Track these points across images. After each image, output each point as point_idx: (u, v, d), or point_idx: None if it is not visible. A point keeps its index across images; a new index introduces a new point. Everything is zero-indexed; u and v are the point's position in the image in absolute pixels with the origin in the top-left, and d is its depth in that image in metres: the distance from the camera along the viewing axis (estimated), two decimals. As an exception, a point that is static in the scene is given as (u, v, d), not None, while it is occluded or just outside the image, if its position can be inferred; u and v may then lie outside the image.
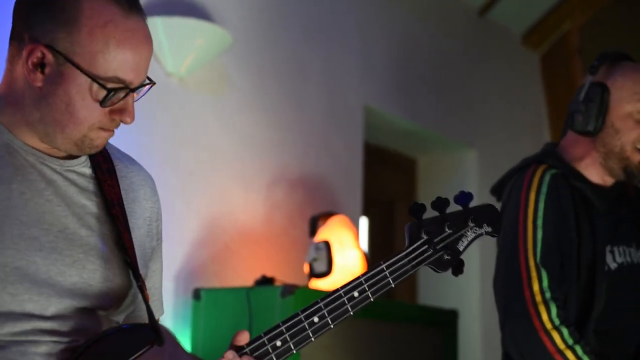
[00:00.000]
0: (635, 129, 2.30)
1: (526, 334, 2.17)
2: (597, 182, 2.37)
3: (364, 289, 1.59)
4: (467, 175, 4.82)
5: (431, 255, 1.66)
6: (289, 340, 1.54)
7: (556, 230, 2.24)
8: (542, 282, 2.19)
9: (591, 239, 2.26)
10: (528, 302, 2.18)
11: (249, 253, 3.37)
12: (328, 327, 1.57)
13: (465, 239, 1.70)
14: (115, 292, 1.54)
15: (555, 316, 2.16)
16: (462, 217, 1.70)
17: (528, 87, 5.30)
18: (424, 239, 1.65)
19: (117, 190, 1.60)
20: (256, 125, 3.51)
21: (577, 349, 2.14)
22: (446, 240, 1.68)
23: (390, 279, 1.62)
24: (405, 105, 4.34)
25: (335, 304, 1.58)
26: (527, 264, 2.21)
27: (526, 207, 2.27)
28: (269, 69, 3.61)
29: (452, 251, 1.67)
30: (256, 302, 2.86)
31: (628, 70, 2.34)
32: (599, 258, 2.24)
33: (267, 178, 3.51)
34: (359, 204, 3.98)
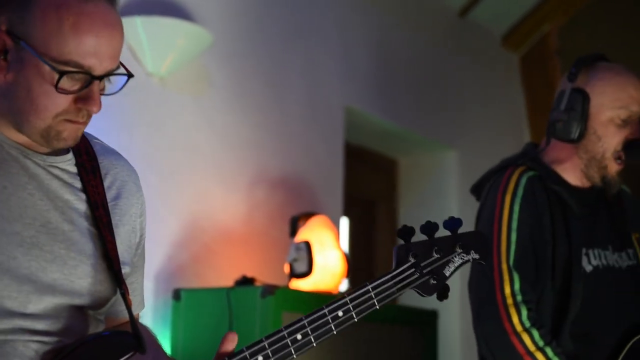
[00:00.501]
0: (617, 134, 2.32)
1: (497, 336, 2.19)
2: (576, 184, 2.39)
3: (348, 309, 1.59)
4: (447, 175, 4.83)
5: (417, 279, 1.65)
6: (271, 356, 1.52)
7: (531, 233, 2.25)
8: (513, 285, 2.20)
9: (567, 241, 2.27)
10: (499, 305, 2.19)
11: (229, 253, 3.36)
12: (311, 345, 1.57)
13: (452, 265, 1.70)
14: (98, 290, 1.52)
15: (526, 318, 2.17)
16: (451, 242, 1.70)
17: (508, 87, 5.32)
18: (411, 262, 1.65)
19: (101, 190, 1.58)
20: (237, 125, 3.50)
21: (548, 351, 2.16)
22: (433, 265, 1.68)
23: (375, 300, 1.62)
24: (385, 105, 4.35)
25: (319, 322, 1.57)
26: (499, 266, 2.22)
27: (501, 209, 2.28)
28: (249, 69, 3.60)
29: (439, 276, 1.67)
30: (236, 303, 2.85)
31: (607, 74, 2.35)
32: (575, 260, 2.25)
33: (248, 178, 3.51)
34: (339, 204, 3.98)
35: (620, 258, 2.37)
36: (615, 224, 2.42)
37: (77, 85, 1.45)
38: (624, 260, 2.38)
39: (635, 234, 2.46)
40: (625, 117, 2.31)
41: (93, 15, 1.44)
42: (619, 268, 2.36)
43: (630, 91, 2.31)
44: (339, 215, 3.98)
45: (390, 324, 3.31)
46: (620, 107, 2.30)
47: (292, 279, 3.18)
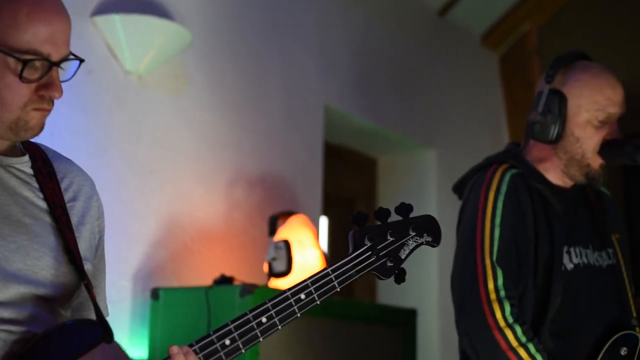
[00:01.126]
0: (595, 136, 2.33)
1: (480, 331, 2.19)
2: (557, 184, 2.40)
3: (310, 292, 1.63)
4: (426, 174, 4.84)
5: (374, 262, 1.71)
6: (238, 339, 1.56)
7: (514, 230, 2.26)
8: (497, 281, 2.21)
9: (549, 239, 2.28)
10: (483, 300, 2.20)
11: (208, 252, 3.35)
12: (276, 327, 1.60)
13: (407, 248, 1.75)
14: (62, 283, 1.54)
15: (509, 314, 2.18)
16: (404, 226, 1.76)
17: (487, 87, 5.34)
18: (368, 245, 1.71)
19: (58, 193, 1.60)
20: (215, 123, 3.49)
21: (530, 347, 2.17)
22: (388, 247, 1.73)
23: (335, 282, 1.66)
24: (365, 104, 4.35)
25: (282, 305, 1.61)
26: (483, 262, 2.23)
27: (485, 206, 2.29)
28: (228, 67, 3.59)
29: (395, 258, 1.73)
30: (215, 302, 2.85)
31: (584, 75, 2.36)
32: (556, 258, 2.26)
33: (227, 177, 3.50)
34: (318, 203, 3.98)
35: (600, 257, 2.39)
36: (595, 223, 2.44)
37: (37, 73, 1.49)
38: (604, 260, 2.40)
39: (615, 234, 2.48)
40: (602, 118, 2.32)
41: (44, 4, 1.49)
42: (600, 267, 2.38)
43: (607, 93, 2.32)
44: (318, 214, 3.98)
45: (369, 323, 3.31)
46: (598, 109, 2.32)
47: (271, 278, 3.17)
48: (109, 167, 3.06)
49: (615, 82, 2.35)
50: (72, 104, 2.90)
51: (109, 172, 3.05)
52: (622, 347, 2.26)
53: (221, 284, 3.00)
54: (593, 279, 2.34)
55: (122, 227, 3.05)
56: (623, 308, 2.37)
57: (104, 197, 1.79)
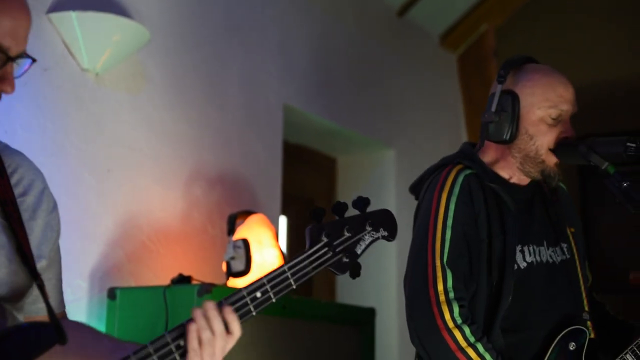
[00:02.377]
0: (548, 133, 2.36)
1: (429, 332, 2.22)
2: (513, 182, 2.43)
3: (266, 289, 1.62)
4: (385, 174, 4.86)
5: (331, 258, 1.70)
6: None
7: (465, 231, 2.29)
8: (446, 283, 2.23)
9: (502, 238, 2.30)
10: (432, 302, 2.22)
11: (166, 252, 3.33)
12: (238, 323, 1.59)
13: (363, 243, 1.75)
14: (13, 281, 1.52)
15: (457, 315, 2.20)
16: (360, 221, 1.76)
17: (446, 87, 5.38)
18: (324, 241, 1.70)
19: (8, 189, 1.59)
20: (174, 122, 3.47)
21: (479, 347, 2.19)
22: (345, 243, 1.73)
23: (292, 280, 1.65)
24: (324, 104, 4.36)
25: (238, 304, 1.60)
26: (433, 264, 2.25)
27: (437, 207, 2.31)
28: (187, 65, 3.57)
29: (351, 254, 1.73)
30: (173, 301, 2.83)
31: (535, 74, 2.39)
32: (509, 257, 2.29)
33: (185, 176, 3.48)
34: (278, 202, 3.97)
35: (554, 253, 2.42)
36: (551, 219, 2.47)
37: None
38: (558, 255, 2.43)
39: (571, 228, 2.52)
40: (555, 116, 2.35)
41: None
42: (553, 263, 2.41)
43: (559, 90, 2.36)
44: (278, 213, 3.97)
45: (328, 322, 3.32)
46: (550, 107, 2.35)
47: (230, 278, 3.16)
48: (65, 166, 3.03)
49: (566, 81, 2.39)
50: (28, 102, 2.86)
51: (65, 171, 3.01)
52: (571, 342, 2.30)
53: (179, 283, 2.97)
54: (546, 276, 2.37)
55: (78, 226, 3.02)
56: (576, 303, 2.41)
57: (61, 197, 1.77)
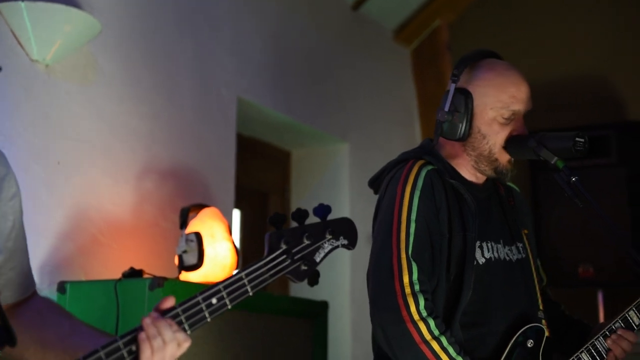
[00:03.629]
0: (500, 132, 2.38)
1: (394, 324, 2.21)
2: (470, 180, 2.46)
3: (222, 296, 1.61)
4: (339, 168, 4.87)
5: (289, 266, 1.69)
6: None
7: (428, 225, 2.30)
8: (412, 275, 2.23)
9: (462, 234, 2.33)
10: (398, 294, 2.22)
11: (117, 245, 3.30)
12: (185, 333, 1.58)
13: (323, 251, 1.74)
14: None
15: (423, 308, 2.21)
16: (321, 229, 1.75)
17: (400, 81, 5.40)
18: (283, 249, 1.69)
19: None
20: (126, 114, 3.43)
21: (443, 340, 2.20)
22: (304, 251, 1.71)
23: (248, 287, 1.64)
24: (278, 98, 4.35)
25: (193, 309, 1.58)
26: (399, 256, 2.25)
27: (401, 201, 2.32)
28: (139, 57, 3.54)
29: (309, 262, 1.71)
30: (124, 295, 2.80)
31: (489, 74, 2.40)
32: (469, 253, 2.31)
33: (137, 168, 3.45)
34: (231, 196, 3.96)
35: (510, 251, 2.45)
36: (507, 218, 2.50)
37: None
38: (514, 254, 2.45)
39: (525, 229, 2.54)
40: (507, 116, 2.37)
41: None
42: (510, 261, 2.43)
43: (511, 91, 2.37)
44: (231, 206, 3.96)
45: (281, 316, 3.32)
46: (502, 107, 2.37)
47: (182, 271, 3.14)
48: (14, 158, 2.96)
49: (519, 80, 2.40)
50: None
51: (14, 163, 2.93)
52: (529, 339, 2.32)
53: (130, 277, 2.95)
54: (503, 273, 2.40)
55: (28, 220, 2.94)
56: (531, 301, 2.44)
57: (8, 189, 1.73)
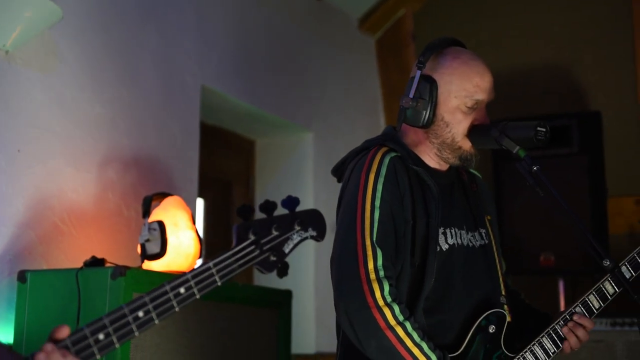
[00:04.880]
0: (463, 121, 2.40)
1: (359, 310, 2.22)
2: (434, 167, 2.47)
3: (190, 285, 1.61)
4: (304, 157, 4.87)
5: (258, 256, 1.69)
6: (112, 334, 1.52)
7: (392, 211, 2.31)
8: (376, 261, 2.24)
9: (425, 220, 2.34)
10: (362, 280, 2.22)
11: (79, 234, 3.27)
12: (152, 322, 1.57)
13: (291, 242, 1.75)
14: None
15: (387, 293, 2.21)
16: (289, 220, 1.75)
17: (364, 71, 5.40)
18: (251, 239, 1.69)
19: None
20: (88, 102, 3.40)
21: (407, 325, 2.21)
22: (273, 242, 1.72)
23: (217, 277, 1.64)
24: (243, 86, 4.33)
25: (161, 299, 1.58)
26: (363, 243, 2.26)
27: (365, 188, 2.32)
28: (102, 44, 3.50)
29: (278, 253, 1.72)
30: (85, 285, 2.78)
31: (454, 62, 2.42)
32: (432, 239, 2.32)
33: (99, 157, 3.42)
34: (195, 184, 3.94)
35: (473, 238, 2.47)
36: (469, 205, 2.52)
37: None
38: (477, 240, 2.47)
39: (488, 216, 2.57)
40: (471, 105, 2.39)
41: None
42: (473, 247, 2.45)
43: (475, 80, 2.39)
44: (195, 195, 3.94)
45: (245, 305, 3.31)
46: (466, 96, 2.38)
47: (145, 260, 3.12)
48: (-27, 146, 2.94)
49: (483, 70, 2.42)
50: None
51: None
52: (491, 325, 2.34)
53: (92, 266, 2.92)
54: (466, 259, 2.41)
55: (-13, 208, 2.94)
56: (494, 287, 2.46)
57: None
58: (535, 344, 2.38)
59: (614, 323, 3.88)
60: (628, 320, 3.85)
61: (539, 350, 2.38)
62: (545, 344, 2.38)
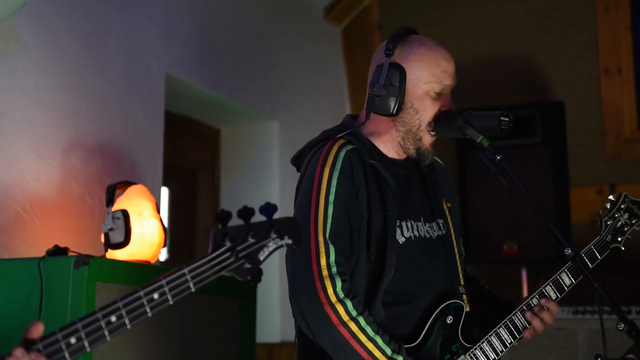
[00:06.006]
0: (432, 107, 2.42)
1: (312, 306, 2.23)
2: (393, 157, 2.48)
3: (164, 291, 1.61)
4: (269, 146, 4.86)
5: (232, 263, 1.69)
6: (84, 338, 1.52)
7: (347, 206, 2.32)
8: (329, 257, 2.25)
9: (382, 214, 2.35)
10: (315, 276, 2.24)
11: (41, 222, 3.24)
12: (124, 327, 1.57)
13: (267, 249, 1.74)
14: None
15: (340, 289, 2.23)
16: (266, 227, 1.74)
17: (330, 60, 5.40)
18: (228, 246, 1.68)
19: None
20: (51, 89, 3.36)
21: (360, 320, 2.23)
22: (248, 249, 1.71)
23: (191, 283, 1.64)
24: (208, 75, 4.31)
25: (134, 304, 1.58)
26: (316, 239, 2.27)
27: (320, 182, 2.33)
28: (65, 31, 3.46)
29: (253, 260, 1.71)
30: (48, 274, 2.75)
31: (421, 49, 2.43)
32: (390, 232, 2.33)
33: (63, 144, 3.38)
34: (159, 173, 3.92)
35: (431, 228, 2.48)
36: (428, 195, 2.53)
37: None
38: (434, 231, 2.49)
39: (447, 203, 2.58)
40: (439, 90, 2.41)
41: None
42: (430, 238, 2.46)
43: (443, 65, 2.41)
44: (159, 184, 3.92)
45: (209, 294, 3.30)
46: (435, 81, 2.40)
47: (108, 249, 3.10)
48: None
49: (448, 55, 2.45)
50: None
51: None
52: (449, 315, 2.36)
53: (55, 255, 2.89)
54: (424, 251, 2.43)
55: (-53, 197, 2.90)
56: (452, 277, 2.47)
57: None
58: (492, 334, 2.39)
59: (575, 311, 3.94)
60: (589, 309, 3.90)
61: (496, 341, 2.40)
62: (502, 335, 2.40)
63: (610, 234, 2.54)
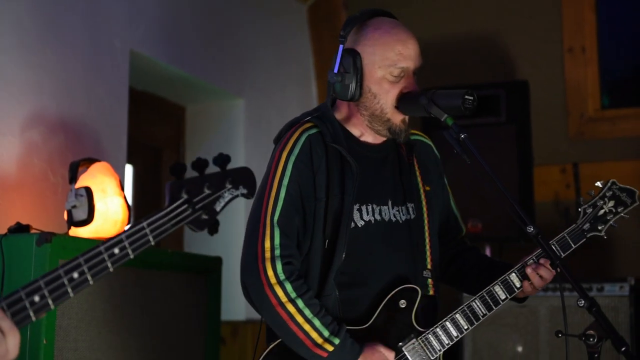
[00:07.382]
0: (391, 90, 2.42)
1: (255, 287, 2.30)
2: (366, 140, 2.49)
3: (124, 245, 1.62)
4: (234, 124, 4.84)
5: (190, 215, 1.71)
6: (48, 295, 1.53)
7: (301, 190, 2.36)
8: (273, 240, 2.30)
9: (340, 197, 2.37)
10: (258, 258, 2.29)
11: (2, 200, 3.20)
12: (87, 283, 1.59)
13: (223, 200, 1.76)
14: None
15: (280, 271, 2.28)
16: (221, 178, 1.77)
17: (296, 38, 5.38)
18: (184, 198, 1.70)
19: None
20: (11, 63, 3.31)
21: (299, 302, 2.27)
22: (204, 200, 1.73)
23: (150, 236, 1.66)
24: (173, 52, 4.27)
25: (95, 260, 1.59)
26: (265, 221, 2.32)
27: (277, 166, 2.38)
28: (25, 5, 3.40)
29: (210, 211, 1.74)
30: (10, 251, 2.73)
31: (375, 33, 2.43)
32: (345, 216, 2.36)
33: (23, 120, 3.33)
34: (123, 150, 3.88)
35: (399, 212, 2.48)
36: (402, 179, 2.53)
37: None
38: (403, 214, 2.49)
39: (426, 186, 2.58)
40: (397, 73, 2.41)
41: None
42: (396, 222, 2.47)
43: (398, 48, 2.40)
44: (123, 161, 3.89)
45: (175, 272, 3.30)
46: (390, 65, 2.40)
47: (72, 227, 3.07)
48: None
49: (406, 37, 2.43)
50: None
51: None
52: (401, 299, 2.38)
53: (16, 232, 2.86)
54: (385, 235, 2.44)
55: None
56: (415, 261, 2.48)
57: None
58: (447, 320, 2.40)
59: (537, 289, 3.97)
60: (551, 286, 3.95)
61: (451, 326, 2.40)
62: (458, 320, 2.41)
63: (588, 222, 2.52)
